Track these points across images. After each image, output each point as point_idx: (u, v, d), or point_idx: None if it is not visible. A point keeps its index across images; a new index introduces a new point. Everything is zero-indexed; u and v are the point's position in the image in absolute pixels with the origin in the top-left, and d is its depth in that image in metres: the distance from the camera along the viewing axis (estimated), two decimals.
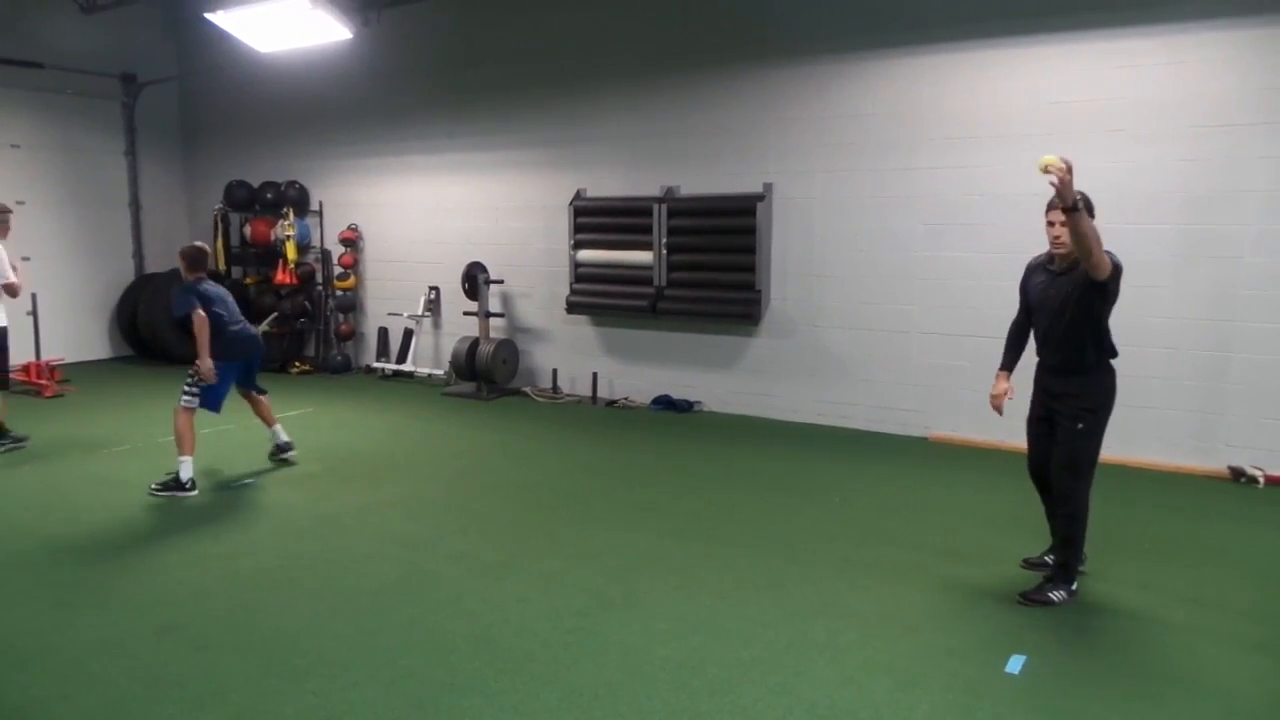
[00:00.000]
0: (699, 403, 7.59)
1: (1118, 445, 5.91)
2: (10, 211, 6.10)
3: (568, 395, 8.16)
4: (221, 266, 9.91)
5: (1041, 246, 6.11)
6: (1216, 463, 5.62)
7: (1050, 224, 3.71)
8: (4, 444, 6.03)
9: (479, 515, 4.87)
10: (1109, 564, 4.13)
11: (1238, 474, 5.50)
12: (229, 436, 6.44)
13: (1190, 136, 5.54)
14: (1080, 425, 3.67)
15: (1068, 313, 3.65)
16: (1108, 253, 3.50)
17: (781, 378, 7.21)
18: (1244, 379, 5.56)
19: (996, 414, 4.04)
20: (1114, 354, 3.73)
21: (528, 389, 8.30)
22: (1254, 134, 5.38)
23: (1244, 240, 5.49)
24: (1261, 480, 5.40)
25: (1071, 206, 3.31)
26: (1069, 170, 3.27)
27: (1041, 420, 3.88)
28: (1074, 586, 3.77)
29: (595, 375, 7.99)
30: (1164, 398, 5.73)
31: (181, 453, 5.15)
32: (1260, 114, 5.35)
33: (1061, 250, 3.69)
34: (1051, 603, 3.70)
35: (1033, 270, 3.95)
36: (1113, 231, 5.84)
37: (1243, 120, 5.40)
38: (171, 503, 5.03)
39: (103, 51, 9.82)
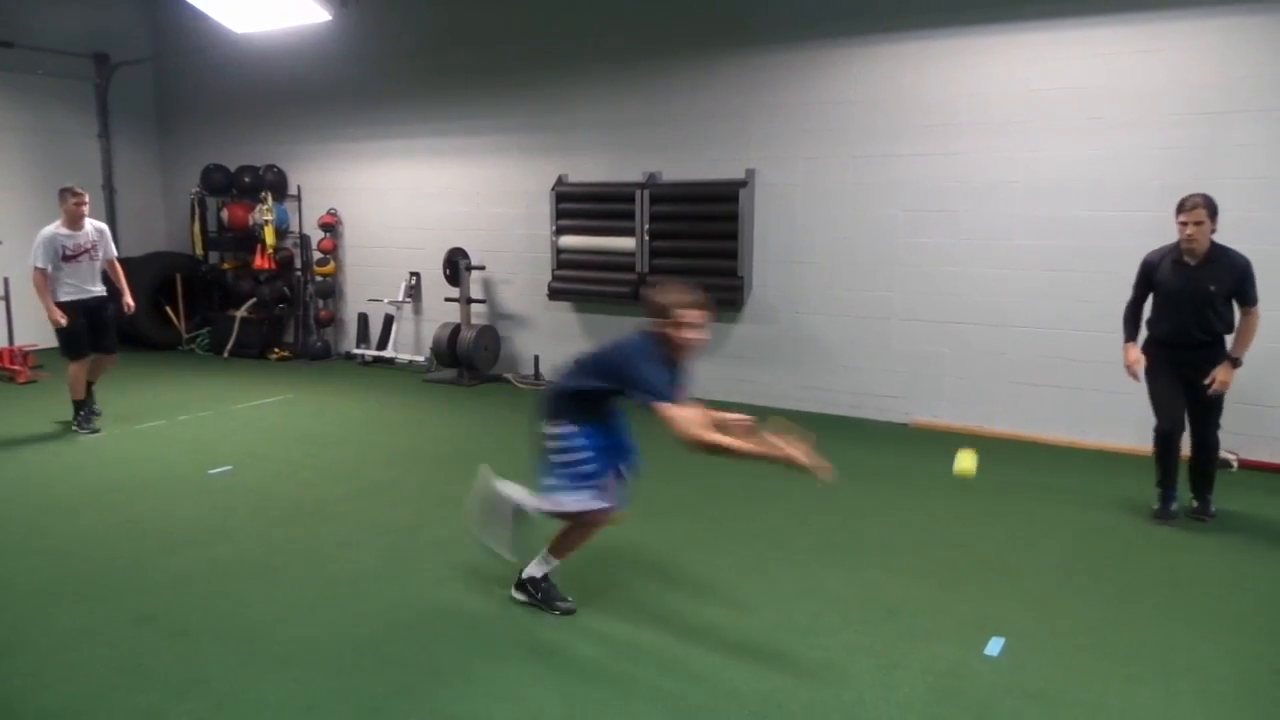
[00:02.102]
0: None
1: (1093, 430, 5.99)
2: None
3: (550, 382, 8.14)
4: (198, 251, 9.82)
5: (1023, 234, 6.16)
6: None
7: (1184, 224, 4.25)
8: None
9: (460, 502, 4.82)
10: (1089, 546, 4.18)
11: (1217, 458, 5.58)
12: (205, 423, 6.38)
13: (1170, 124, 5.58)
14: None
15: (1212, 301, 4.27)
16: (1246, 269, 4.30)
17: (763, 364, 7.23)
18: None
19: (1132, 379, 4.62)
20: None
21: (509, 375, 8.27)
22: (1232, 122, 5.42)
23: (1222, 227, 5.52)
24: (1235, 464, 5.48)
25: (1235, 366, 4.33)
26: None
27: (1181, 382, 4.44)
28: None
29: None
30: (1142, 384, 5.79)
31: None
32: (1238, 102, 5.39)
33: (1192, 249, 4.28)
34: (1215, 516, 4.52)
35: (1155, 265, 4.48)
36: (1093, 219, 5.91)
37: (1221, 108, 5.44)
38: (150, 489, 4.97)
39: (75, 31, 9.64)
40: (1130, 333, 4.61)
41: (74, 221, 5.97)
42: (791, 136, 6.85)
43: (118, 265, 6.29)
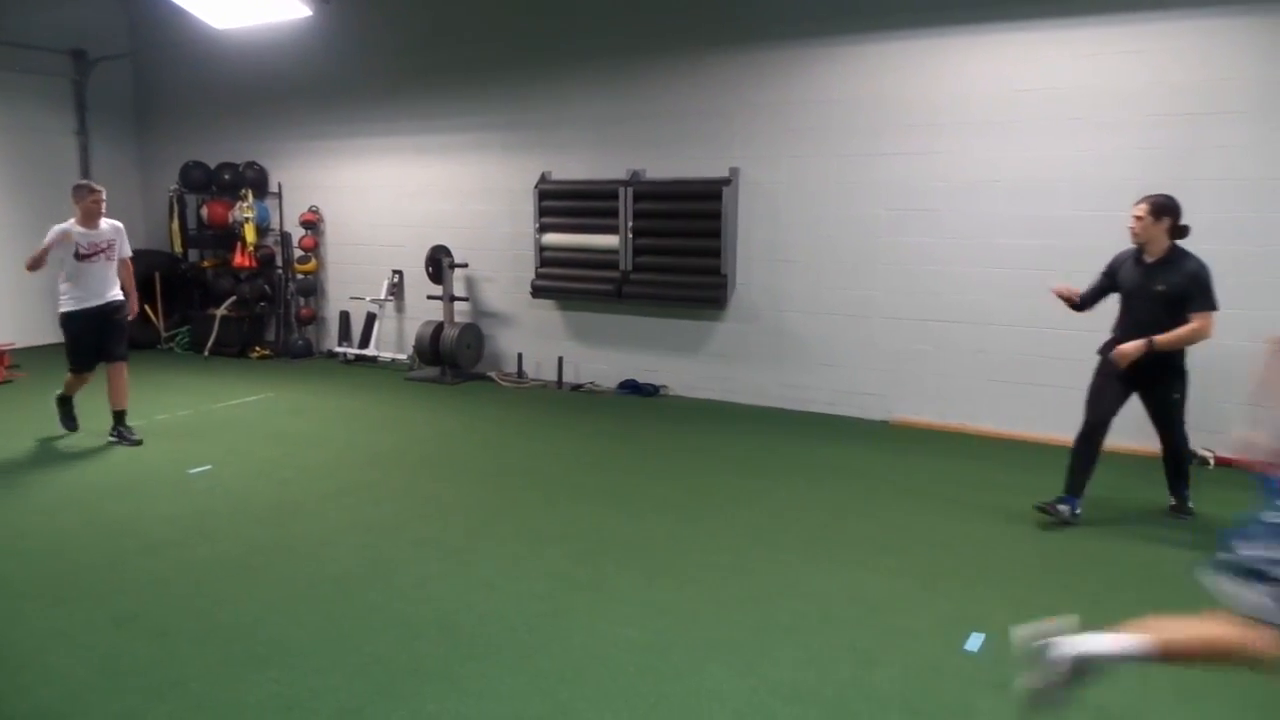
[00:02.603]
0: (665, 386, 7.61)
1: (1073, 428, 6.02)
2: None
3: (533, 380, 8.13)
4: (177, 249, 9.73)
5: (1004, 233, 6.20)
6: None
7: (1135, 217, 4.36)
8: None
9: (443, 500, 4.84)
10: (1066, 541, 4.22)
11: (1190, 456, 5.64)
12: (183, 422, 6.32)
13: (1150, 125, 5.63)
14: (1176, 396, 4.47)
15: (1159, 301, 4.26)
16: (1195, 274, 4.26)
17: (746, 362, 7.24)
18: (1195, 362, 5.68)
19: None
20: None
21: (492, 374, 8.25)
22: (1210, 123, 5.48)
23: (1199, 227, 5.57)
24: (1212, 462, 5.55)
25: (1149, 347, 4.27)
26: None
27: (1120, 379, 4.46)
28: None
29: (560, 359, 7.96)
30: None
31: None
32: (1216, 104, 5.45)
33: (1136, 242, 4.38)
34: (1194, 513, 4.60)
35: (1121, 262, 4.51)
36: (1074, 219, 5.96)
37: (1200, 110, 5.50)
38: (129, 490, 4.92)
39: (52, 26, 9.52)
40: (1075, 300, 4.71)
41: (91, 219, 5.71)
42: (775, 135, 6.86)
43: (130, 266, 6.03)
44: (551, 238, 7.78)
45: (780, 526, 4.46)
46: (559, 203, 7.73)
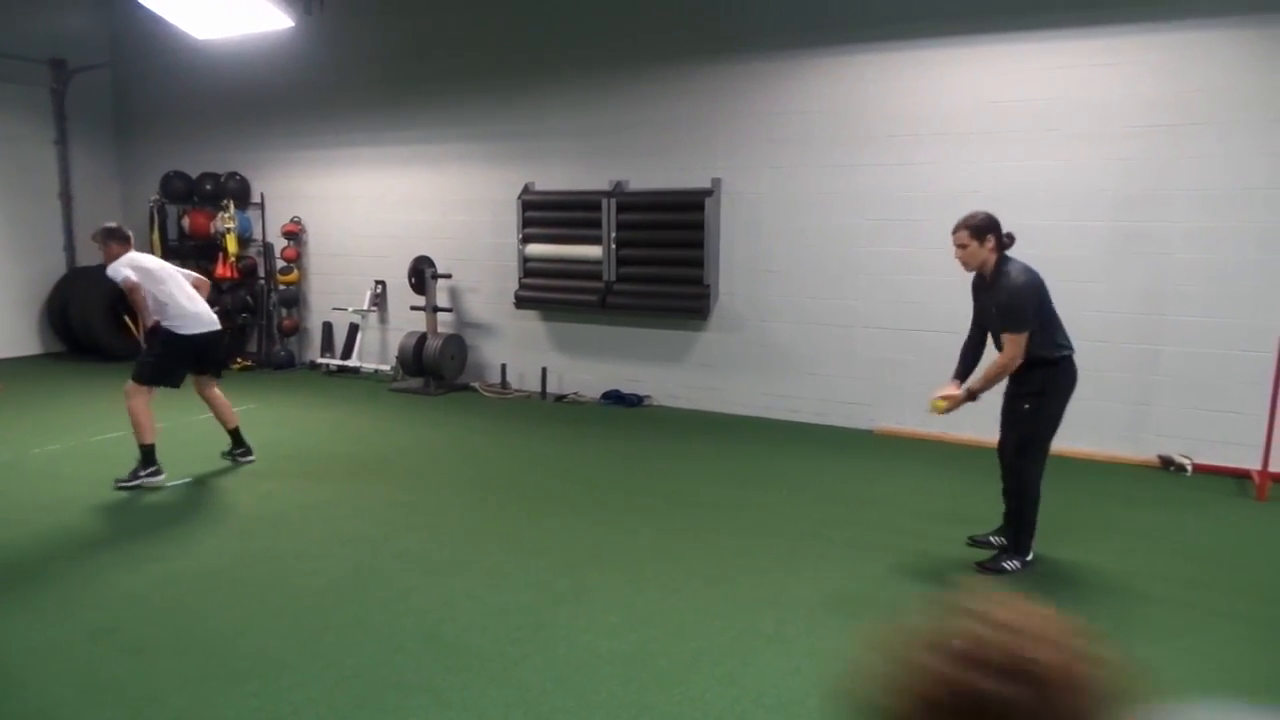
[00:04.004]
0: (648, 397, 7.61)
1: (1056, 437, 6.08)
2: None
3: (516, 391, 8.12)
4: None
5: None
6: (1147, 452, 5.82)
7: (955, 245, 4.01)
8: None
9: (426, 512, 4.82)
10: (1046, 549, 4.25)
11: (1167, 463, 5.70)
12: (164, 435, 6.26)
13: (1124, 136, 5.71)
14: (1026, 406, 3.96)
15: (997, 323, 3.94)
16: (1005, 284, 3.86)
17: (730, 372, 7.26)
18: (1173, 371, 5.76)
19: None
20: (1061, 349, 3.93)
21: (476, 384, 8.23)
22: (1184, 134, 5.56)
23: (1173, 237, 5.68)
24: (1190, 468, 5.60)
25: (969, 397, 3.97)
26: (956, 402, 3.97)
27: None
28: (1029, 559, 4.02)
29: (544, 370, 7.96)
30: (1097, 390, 5.89)
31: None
32: (1191, 115, 5.53)
33: (968, 269, 4.05)
34: (1005, 571, 3.93)
35: (976, 286, 4.19)
36: (1049, 229, 6.01)
37: (1174, 121, 5.58)
38: (106, 503, 4.87)
39: (30, 35, 9.46)
40: (959, 366, 4.18)
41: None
42: (757, 146, 6.90)
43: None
44: (535, 248, 7.78)
45: (763, 536, 4.46)
46: (542, 213, 7.74)
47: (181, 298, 5.21)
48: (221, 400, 5.55)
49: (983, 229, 3.91)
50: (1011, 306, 3.81)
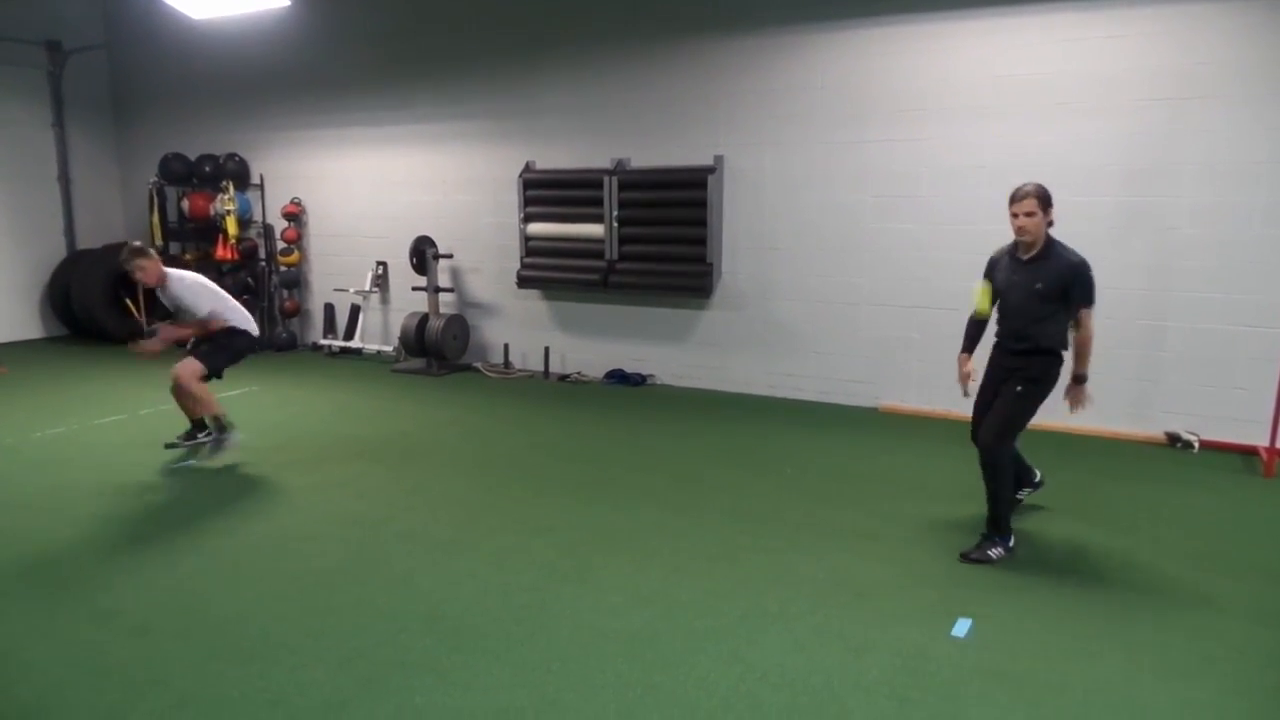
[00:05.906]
0: (652, 376, 7.59)
1: (1059, 412, 6.05)
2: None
3: (519, 370, 8.10)
4: (158, 243, 9.62)
5: (989, 219, 6.19)
6: (1154, 429, 5.79)
7: (1014, 215, 3.87)
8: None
9: (429, 492, 4.81)
10: (1053, 526, 4.23)
11: (1174, 439, 5.67)
12: (166, 417, 6.25)
13: (1131, 110, 5.64)
14: (1020, 389, 3.91)
15: (1038, 299, 3.83)
16: (1069, 261, 3.83)
17: (733, 350, 7.23)
18: (1179, 347, 5.72)
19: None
20: (1064, 346, 3.92)
21: (479, 365, 8.21)
22: (1191, 108, 5.49)
23: (1180, 212, 5.62)
24: (1196, 445, 5.57)
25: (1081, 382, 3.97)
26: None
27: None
28: (1010, 543, 3.92)
29: (547, 350, 7.93)
30: (1103, 366, 5.84)
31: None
32: (1197, 89, 5.46)
33: (1026, 239, 3.87)
34: (992, 560, 3.83)
35: (996, 262, 4.08)
36: (1056, 204, 5.94)
37: (1180, 94, 5.51)
38: (108, 485, 4.87)
39: (25, 17, 9.38)
40: (966, 342, 4.18)
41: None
42: (760, 122, 6.84)
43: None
44: (536, 227, 7.73)
45: (767, 515, 4.45)
46: (544, 192, 7.69)
47: (237, 304, 5.49)
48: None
49: (1048, 199, 3.87)
50: (1087, 280, 3.82)
